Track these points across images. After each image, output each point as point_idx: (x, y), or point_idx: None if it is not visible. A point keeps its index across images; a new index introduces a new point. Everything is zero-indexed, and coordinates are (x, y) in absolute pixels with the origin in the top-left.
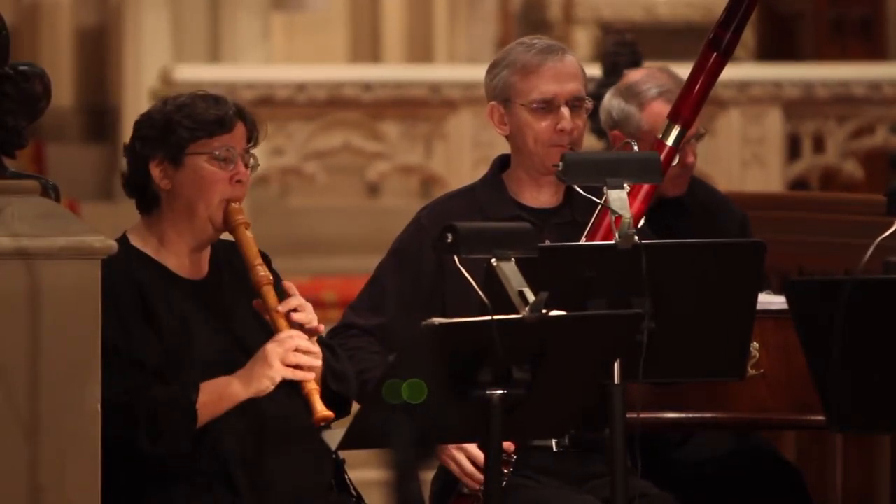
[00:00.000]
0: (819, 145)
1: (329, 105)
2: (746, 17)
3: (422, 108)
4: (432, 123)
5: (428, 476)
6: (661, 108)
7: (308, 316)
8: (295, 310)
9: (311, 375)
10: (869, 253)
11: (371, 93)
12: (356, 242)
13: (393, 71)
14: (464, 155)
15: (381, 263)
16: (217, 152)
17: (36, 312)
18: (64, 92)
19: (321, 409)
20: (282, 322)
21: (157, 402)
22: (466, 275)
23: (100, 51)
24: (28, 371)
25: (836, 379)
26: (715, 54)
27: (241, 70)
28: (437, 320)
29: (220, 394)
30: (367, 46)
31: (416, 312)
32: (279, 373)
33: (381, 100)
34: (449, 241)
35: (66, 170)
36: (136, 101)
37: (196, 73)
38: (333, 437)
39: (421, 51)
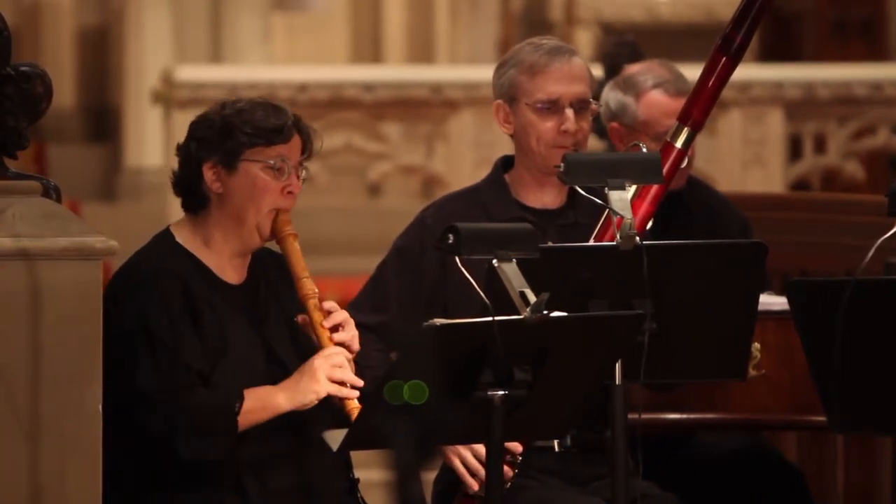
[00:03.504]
0: (820, 146)
1: (330, 105)
2: (758, 20)
3: (423, 108)
4: (433, 124)
5: (430, 476)
6: (658, 98)
7: (350, 334)
8: (338, 326)
9: (354, 394)
10: (870, 254)
11: (372, 93)
12: (357, 243)
13: (394, 71)
14: (465, 155)
15: (384, 262)
16: (272, 161)
17: (37, 313)
18: (65, 92)
19: None
20: (326, 337)
21: (200, 406)
22: (468, 275)
23: (101, 51)
24: (28, 371)
25: (837, 380)
26: (725, 57)
27: (243, 70)
28: (439, 321)
29: (263, 404)
30: (369, 47)
31: (418, 312)
32: (325, 388)
33: (383, 100)
34: (450, 241)
35: (68, 170)
36: (137, 102)
37: (197, 74)
38: (335, 437)
39: (422, 51)
